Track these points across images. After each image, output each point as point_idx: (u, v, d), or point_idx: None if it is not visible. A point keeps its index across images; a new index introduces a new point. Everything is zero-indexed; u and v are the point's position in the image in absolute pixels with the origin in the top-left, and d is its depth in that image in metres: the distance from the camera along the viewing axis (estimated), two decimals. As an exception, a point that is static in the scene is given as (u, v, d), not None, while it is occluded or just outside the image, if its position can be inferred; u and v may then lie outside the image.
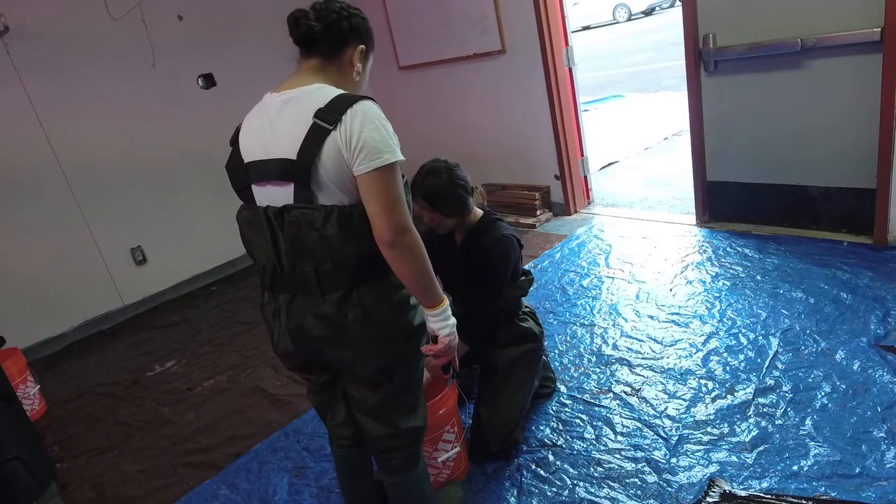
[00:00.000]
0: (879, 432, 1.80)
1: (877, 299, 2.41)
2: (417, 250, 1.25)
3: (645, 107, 6.96)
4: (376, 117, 1.22)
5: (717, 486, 1.74)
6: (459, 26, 4.06)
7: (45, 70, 3.37)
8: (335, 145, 1.19)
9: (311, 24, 1.29)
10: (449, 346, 1.38)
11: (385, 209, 1.20)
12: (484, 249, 1.95)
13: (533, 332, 2.10)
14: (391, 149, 1.21)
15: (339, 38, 1.33)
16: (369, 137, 1.19)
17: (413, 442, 1.51)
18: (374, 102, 1.25)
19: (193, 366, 3.11)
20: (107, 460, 2.48)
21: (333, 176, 1.22)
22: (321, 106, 1.21)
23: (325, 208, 1.23)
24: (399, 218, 1.21)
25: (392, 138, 1.23)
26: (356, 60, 1.36)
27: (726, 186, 3.28)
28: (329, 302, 1.28)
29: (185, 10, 3.85)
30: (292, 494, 2.09)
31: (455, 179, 1.88)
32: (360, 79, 1.38)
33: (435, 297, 1.33)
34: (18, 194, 3.36)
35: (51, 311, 3.54)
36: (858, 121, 2.70)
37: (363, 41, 1.37)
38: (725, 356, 2.29)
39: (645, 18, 14.32)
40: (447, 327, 1.36)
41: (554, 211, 4.13)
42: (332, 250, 1.24)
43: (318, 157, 1.20)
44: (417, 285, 1.29)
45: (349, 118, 1.19)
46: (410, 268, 1.25)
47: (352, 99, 1.22)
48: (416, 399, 1.48)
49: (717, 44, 2.98)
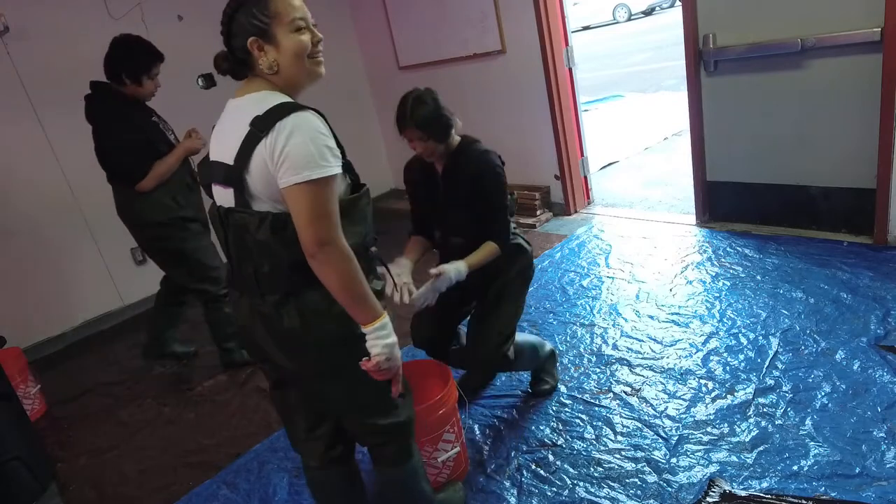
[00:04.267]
0: (879, 432, 1.80)
1: (877, 299, 2.41)
2: (341, 264, 1.20)
3: (645, 107, 6.96)
4: (308, 130, 1.17)
5: (717, 486, 1.74)
6: (459, 26, 4.06)
7: (44, 70, 3.37)
8: (262, 156, 1.19)
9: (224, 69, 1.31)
10: (379, 367, 1.29)
11: (306, 223, 1.17)
12: (475, 173, 1.93)
13: (523, 246, 2.12)
14: (317, 165, 1.16)
15: (234, 55, 1.28)
16: (293, 151, 1.16)
17: (399, 437, 1.50)
18: (313, 114, 1.21)
19: (193, 366, 3.11)
20: (107, 460, 2.48)
21: (261, 185, 1.22)
22: (259, 114, 1.19)
23: (259, 214, 1.24)
24: (320, 232, 1.17)
25: (326, 153, 1.18)
26: (256, 54, 1.24)
27: (726, 186, 3.28)
28: (268, 304, 1.28)
29: (185, 10, 3.85)
30: (292, 494, 2.09)
31: (440, 104, 1.88)
32: (280, 64, 1.25)
33: (365, 313, 1.26)
34: (19, 193, 3.36)
35: (51, 311, 3.54)
36: (858, 121, 2.70)
37: (252, 31, 1.23)
38: (725, 356, 2.29)
39: (645, 18, 14.32)
40: (377, 346, 1.27)
41: (554, 211, 4.13)
42: (267, 255, 1.24)
43: (248, 166, 1.21)
44: (343, 299, 1.24)
45: (277, 130, 1.16)
46: (333, 281, 1.21)
47: (288, 109, 1.18)
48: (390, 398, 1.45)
49: (717, 44, 2.98)
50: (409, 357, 2.76)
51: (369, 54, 4.90)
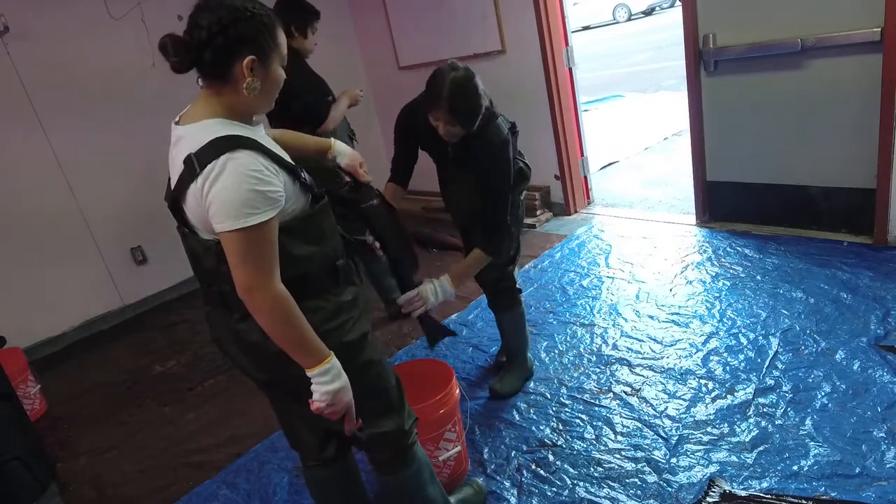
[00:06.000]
0: (879, 432, 1.80)
1: (877, 299, 2.41)
2: (271, 310, 1.16)
3: (645, 107, 6.96)
4: (235, 175, 1.11)
5: (717, 486, 1.74)
6: (459, 26, 4.06)
7: (45, 70, 3.36)
8: (195, 196, 1.15)
9: (172, 61, 1.17)
10: (321, 411, 1.24)
11: (234, 267, 1.15)
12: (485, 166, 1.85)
13: (524, 172, 2.12)
14: (240, 214, 1.10)
15: (218, 59, 1.16)
16: (218, 198, 1.11)
17: (389, 447, 1.48)
18: (248, 153, 1.13)
19: (193, 366, 3.11)
20: (107, 460, 2.48)
21: (196, 220, 1.21)
22: (193, 151, 1.13)
23: (204, 243, 1.23)
24: (247, 278, 1.14)
25: (252, 198, 1.11)
26: (247, 74, 1.17)
27: (726, 186, 3.28)
28: (234, 319, 1.28)
29: (185, 10, 3.78)
30: (292, 494, 2.09)
31: (479, 92, 1.77)
32: (258, 91, 1.20)
33: (304, 358, 1.21)
34: (19, 193, 3.36)
35: (51, 311, 3.54)
36: (858, 121, 2.70)
37: (253, 49, 1.17)
38: (725, 356, 2.29)
39: (645, 18, 14.33)
40: (317, 392, 1.22)
41: (554, 211, 4.13)
42: (222, 279, 1.22)
43: (185, 199, 1.19)
44: (280, 343, 1.19)
45: (207, 172, 1.11)
46: (266, 325, 1.18)
47: (222, 148, 1.11)
48: (379, 407, 1.43)
49: (717, 44, 2.98)
50: (409, 357, 2.76)
51: (369, 54, 4.90)
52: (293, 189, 1.24)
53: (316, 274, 1.28)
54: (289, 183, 1.22)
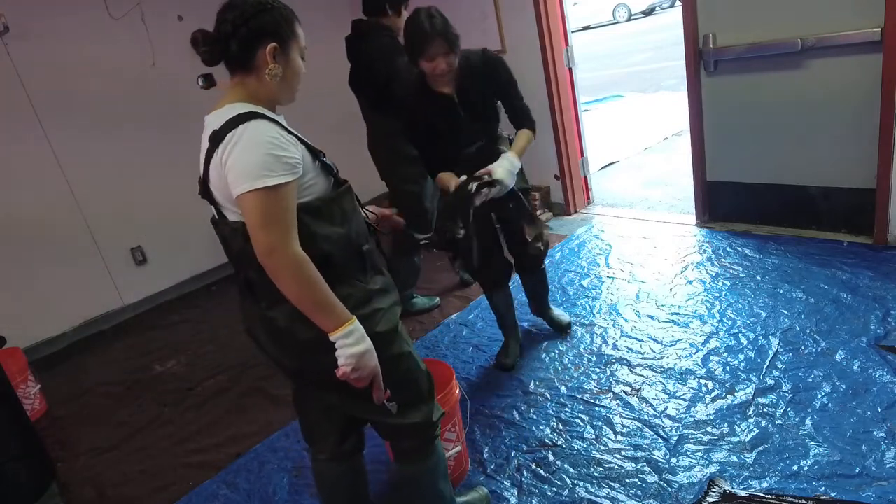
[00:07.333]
0: (879, 432, 1.80)
1: (877, 299, 2.41)
2: (291, 271, 1.18)
3: (645, 107, 6.96)
4: (255, 139, 1.17)
5: (717, 486, 1.74)
6: (459, 26, 4.02)
7: (45, 70, 3.36)
8: (217, 168, 1.22)
9: (203, 51, 1.26)
10: (346, 377, 1.25)
11: (253, 231, 1.18)
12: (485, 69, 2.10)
13: None
14: (258, 175, 1.15)
15: (243, 48, 1.25)
16: (237, 161, 1.17)
17: (415, 436, 1.51)
18: (264, 121, 1.20)
19: (194, 366, 3.11)
20: (107, 460, 2.48)
21: (222, 196, 1.26)
22: (216, 128, 1.21)
23: (231, 224, 1.27)
24: (267, 239, 1.16)
25: (270, 161, 1.16)
26: (269, 60, 1.26)
27: (726, 186, 3.28)
28: (263, 307, 1.31)
29: (185, 10, 3.85)
30: (292, 494, 2.09)
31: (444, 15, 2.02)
32: (281, 78, 1.28)
33: (326, 320, 1.22)
34: (19, 193, 3.36)
35: (51, 311, 3.54)
36: (858, 120, 2.70)
37: (275, 37, 1.26)
38: (725, 356, 2.29)
39: (645, 18, 14.32)
40: (342, 356, 1.23)
41: (554, 211, 4.13)
42: (249, 263, 1.25)
43: (209, 178, 1.25)
44: (301, 306, 1.22)
45: (227, 140, 1.18)
46: (286, 288, 1.20)
47: (242, 119, 1.19)
48: (409, 398, 1.45)
49: (717, 44, 2.98)
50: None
51: (369, 54, 4.89)
52: (312, 165, 1.29)
53: (341, 258, 1.31)
54: (307, 157, 1.28)
